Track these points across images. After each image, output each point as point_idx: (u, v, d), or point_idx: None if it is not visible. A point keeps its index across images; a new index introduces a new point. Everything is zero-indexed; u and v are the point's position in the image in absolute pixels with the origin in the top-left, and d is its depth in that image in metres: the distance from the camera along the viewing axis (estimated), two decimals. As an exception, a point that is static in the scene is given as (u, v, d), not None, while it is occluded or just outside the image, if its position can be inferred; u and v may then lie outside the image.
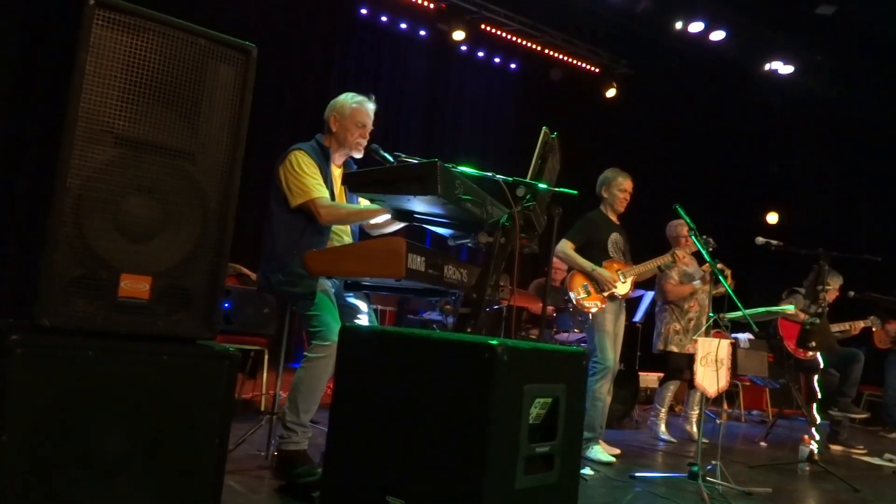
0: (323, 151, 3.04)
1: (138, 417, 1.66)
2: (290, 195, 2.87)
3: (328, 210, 2.86)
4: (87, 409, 1.59)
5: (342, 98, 3.10)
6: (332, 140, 3.09)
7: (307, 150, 2.95)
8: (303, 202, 2.84)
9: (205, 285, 1.80)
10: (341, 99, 3.09)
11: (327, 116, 3.09)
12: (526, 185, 2.66)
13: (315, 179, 2.89)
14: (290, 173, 2.89)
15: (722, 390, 3.70)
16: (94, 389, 1.60)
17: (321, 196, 2.86)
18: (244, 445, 3.27)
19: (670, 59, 8.33)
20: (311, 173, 2.89)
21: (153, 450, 1.67)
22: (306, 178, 2.86)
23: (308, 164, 2.90)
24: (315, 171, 2.91)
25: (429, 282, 2.57)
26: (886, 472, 4.81)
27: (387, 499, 1.66)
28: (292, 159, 2.91)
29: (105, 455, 1.60)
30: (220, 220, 1.81)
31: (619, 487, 3.51)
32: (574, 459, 1.82)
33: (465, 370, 1.59)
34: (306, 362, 2.81)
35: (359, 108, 3.06)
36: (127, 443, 1.64)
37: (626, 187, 4.57)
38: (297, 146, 2.98)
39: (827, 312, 4.54)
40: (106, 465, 1.60)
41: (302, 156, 2.92)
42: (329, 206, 2.88)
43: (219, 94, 1.81)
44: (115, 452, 1.62)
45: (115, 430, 1.63)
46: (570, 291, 4.38)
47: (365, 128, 3.08)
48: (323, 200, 2.86)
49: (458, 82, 8.75)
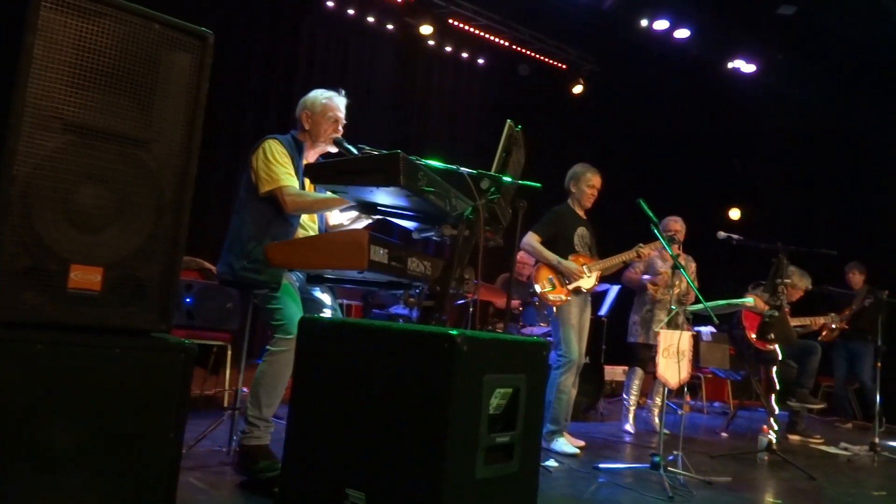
0: (297, 145, 3.05)
1: (89, 412, 1.61)
2: (259, 182, 2.86)
3: (293, 198, 2.84)
4: (35, 404, 1.54)
5: (312, 95, 3.10)
6: (306, 137, 3.09)
7: (281, 140, 2.96)
8: (271, 189, 2.83)
9: (160, 277, 1.76)
10: (311, 96, 3.09)
11: (299, 114, 3.10)
12: (490, 178, 2.65)
13: (285, 168, 2.88)
14: (260, 161, 2.88)
15: (683, 382, 3.76)
16: (43, 383, 1.55)
17: (289, 184, 2.85)
18: (206, 442, 3.22)
19: (636, 56, 8.42)
20: (282, 162, 2.88)
21: (105, 445, 1.63)
22: (276, 167, 2.86)
23: (281, 154, 2.90)
24: (287, 161, 2.90)
25: (392, 274, 2.54)
26: (841, 461, 4.94)
27: (346, 491, 1.65)
28: (265, 147, 2.90)
29: (54, 451, 1.56)
30: (175, 210, 1.78)
31: (582, 478, 3.54)
32: (534, 449, 1.82)
33: (424, 361, 1.59)
34: (269, 356, 2.77)
35: (329, 103, 3.07)
36: (77, 438, 1.59)
37: (594, 183, 4.61)
38: (271, 135, 2.98)
39: (788, 306, 4.64)
40: (55, 462, 1.56)
41: (276, 144, 2.92)
42: (295, 193, 2.86)
43: (174, 81, 1.77)
44: (64, 448, 1.58)
45: (65, 425, 1.58)
46: (536, 284, 4.40)
47: (337, 122, 3.09)
48: (290, 189, 2.85)
49: (426, 77, 8.71)
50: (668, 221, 5.45)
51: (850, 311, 6.66)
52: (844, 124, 8.45)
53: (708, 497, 3.35)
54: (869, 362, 6.19)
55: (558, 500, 3.10)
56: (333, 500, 1.66)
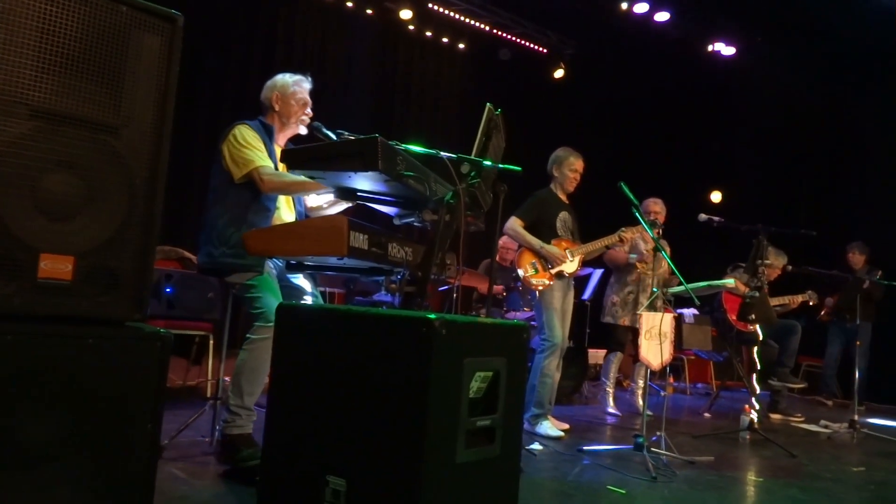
0: (266, 129, 3.02)
1: (63, 405, 1.58)
2: (233, 167, 2.83)
3: (270, 178, 2.81)
4: (6, 398, 1.51)
5: (280, 78, 3.09)
6: (276, 119, 3.07)
7: (250, 125, 2.94)
8: (246, 172, 2.81)
9: (133, 265, 1.73)
10: (279, 78, 3.09)
11: (268, 96, 3.08)
12: (470, 162, 2.64)
13: (259, 150, 2.86)
14: (232, 147, 2.85)
15: (666, 363, 3.78)
16: (14, 376, 1.52)
17: (264, 165, 2.83)
18: (188, 432, 3.19)
19: (617, 40, 8.41)
20: (255, 145, 2.86)
21: (80, 438, 1.60)
22: (249, 150, 2.84)
23: (252, 137, 2.88)
24: (259, 144, 2.89)
25: (372, 260, 2.52)
26: (822, 438, 5.02)
27: (327, 478, 1.64)
28: (235, 133, 2.87)
29: (27, 445, 1.53)
30: (147, 197, 1.74)
31: (567, 461, 3.56)
32: (516, 432, 1.82)
33: (403, 345, 1.57)
34: (249, 344, 2.75)
35: (298, 85, 3.07)
36: (51, 432, 1.56)
37: (577, 167, 4.60)
38: (240, 122, 2.95)
39: (767, 286, 4.68)
40: (29, 456, 1.53)
41: (245, 129, 2.90)
42: (272, 173, 2.84)
43: (143, 65, 1.73)
44: (38, 442, 1.55)
45: (39, 417, 1.55)
46: (519, 268, 4.40)
47: (307, 105, 3.09)
48: (266, 168, 2.83)
49: (406, 62, 8.66)
50: (647, 203, 5.47)
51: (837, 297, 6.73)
52: (824, 106, 8.50)
53: (690, 476, 3.38)
54: (865, 341, 6.26)
55: (543, 482, 3.11)
56: (314, 487, 1.65)
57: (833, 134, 8.71)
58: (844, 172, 8.83)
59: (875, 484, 3.56)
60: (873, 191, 8.38)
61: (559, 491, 2.98)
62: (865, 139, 8.40)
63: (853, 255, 7.21)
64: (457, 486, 1.60)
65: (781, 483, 3.42)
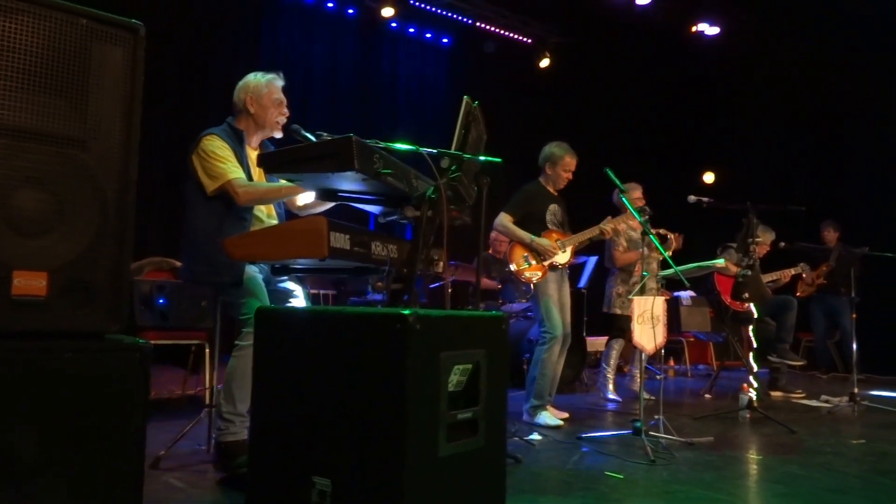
0: (236, 134, 2.97)
1: (45, 420, 1.58)
2: (206, 180, 2.80)
3: (245, 189, 2.79)
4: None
5: (253, 78, 3.02)
6: (250, 122, 3.01)
7: (218, 134, 2.89)
8: (219, 185, 2.78)
9: (108, 278, 1.73)
10: (252, 79, 3.01)
11: (241, 98, 3.01)
12: (450, 157, 2.63)
13: (229, 162, 2.82)
14: (202, 159, 2.81)
15: (659, 346, 3.78)
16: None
17: (237, 177, 2.79)
18: (186, 441, 3.20)
19: (600, 25, 8.40)
20: (224, 156, 2.82)
21: (64, 453, 1.60)
22: (218, 163, 2.80)
23: (220, 147, 2.84)
24: (228, 154, 2.85)
25: (355, 259, 2.52)
26: (822, 413, 5.02)
27: (313, 479, 1.64)
28: (204, 145, 2.83)
29: (11, 463, 1.53)
30: (119, 208, 1.74)
31: (566, 449, 3.56)
32: (500, 423, 1.82)
33: (379, 342, 1.57)
34: (238, 350, 2.75)
35: (273, 85, 3.00)
36: (35, 448, 1.57)
37: (571, 167, 4.58)
38: (207, 131, 2.90)
39: (759, 264, 4.68)
40: (13, 474, 1.53)
41: (213, 140, 2.85)
42: (246, 185, 2.81)
43: (107, 77, 1.73)
44: (22, 459, 1.55)
45: (21, 433, 1.55)
46: (511, 263, 4.40)
47: (283, 104, 3.03)
48: (239, 181, 2.79)
49: (391, 60, 8.65)
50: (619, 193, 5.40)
51: (828, 267, 6.75)
52: (812, 81, 8.47)
53: (689, 458, 3.38)
54: (847, 315, 6.29)
55: (542, 471, 3.12)
56: (301, 488, 1.65)
57: (822, 109, 8.69)
58: (835, 148, 8.81)
59: (875, 456, 3.56)
60: (864, 165, 8.37)
61: (558, 479, 2.98)
62: (854, 113, 8.39)
63: (827, 233, 7.44)
64: (441, 480, 1.60)
65: (780, 459, 3.42)
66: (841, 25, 7.98)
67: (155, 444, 3.04)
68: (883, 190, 8.10)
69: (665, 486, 2.87)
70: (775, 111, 9.15)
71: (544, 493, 2.75)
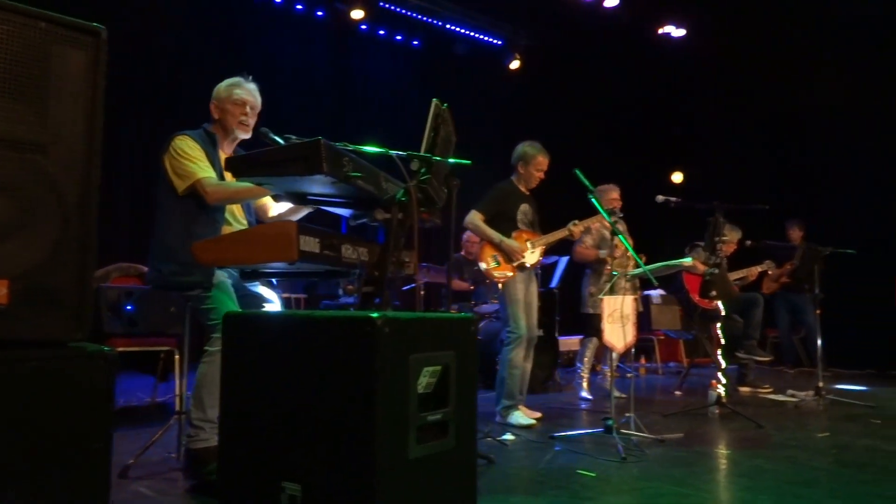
0: (209, 137, 2.98)
1: (7, 428, 1.55)
2: (176, 180, 2.80)
3: (215, 189, 2.78)
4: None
5: (217, 86, 3.05)
6: (218, 127, 3.04)
7: (190, 135, 2.89)
8: (189, 185, 2.77)
9: (72, 285, 1.70)
10: (216, 88, 3.05)
11: (211, 107, 3.05)
12: (419, 159, 2.64)
13: (201, 161, 2.82)
14: (174, 159, 2.81)
15: (630, 345, 3.83)
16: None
17: (207, 176, 2.79)
18: (155, 449, 3.16)
19: (569, 27, 8.47)
20: (194, 156, 2.82)
21: (28, 463, 1.57)
22: (189, 162, 2.80)
23: (192, 148, 2.84)
24: (200, 154, 2.85)
25: (326, 263, 2.52)
26: (789, 407, 5.12)
27: (283, 484, 1.63)
28: (174, 145, 2.83)
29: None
30: (82, 214, 1.71)
31: (538, 448, 3.59)
32: (470, 424, 1.83)
33: (347, 346, 1.57)
34: (207, 356, 2.72)
35: (233, 87, 3.02)
36: None
37: (544, 167, 4.61)
38: (179, 133, 2.90)
39: (726, 262, 4.76)
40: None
41: (184, 140, 2.85)
42: (216, 184, 2.80)
43: (68, 81, 1.70)
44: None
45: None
46: (481, 262, 4.42)
47: (245, 104, 3.01)
48: (209, 180, 2.79)
49: (361, 62, 8.64)
50: (606, 190, 5.50)
51: (792, 265, 6.89)
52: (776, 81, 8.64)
53: (660, 454, 3.43)
54: (810, 311, 6.42)
55: (515, 471, 3.14)
56: (271, 494, 1.64)
57: (786, 109, 8.87)
58: (798, 148, 8.99)
59: (838, 448, 3.64)
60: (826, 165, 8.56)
61: (530, 479, 3.00)
62: (817, 114, 8.57)
63: (793, 232, 7.65)
64: (412, 482, 1.61)
65: (748, 454, 3.49)
66: (803, 27, 8.16)
67: (124, 453, 3.00)
68: (845, 189, 8.30)
69: (636, 482, 2.91)
70: (740, 112, 9.30)
71: (517, 492, 2.77)
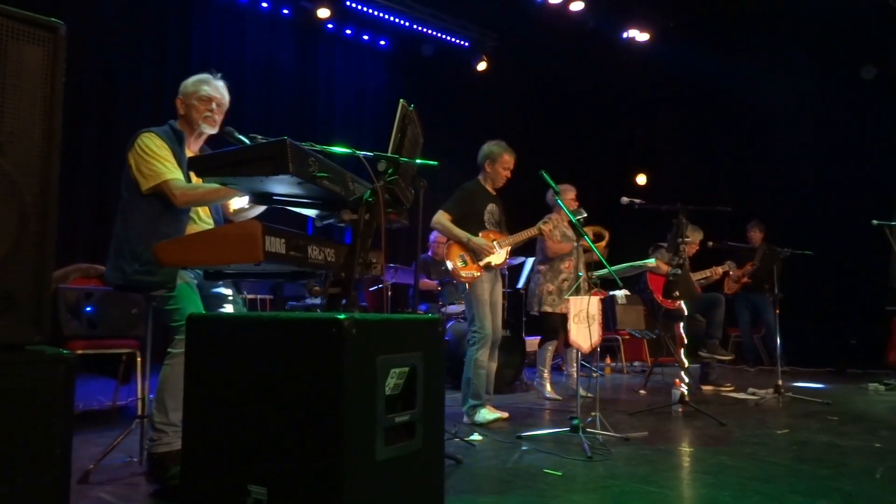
0: (176, 135, 2.92)
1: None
2: (141, 179, 2.73)
3: (183, 191, 2.72)
4: None
5: (185, 81, 3.01)
6: (184, 123, 2.98)
7: (157, 133, 2.83)
8: (155, 185, 2.71)
9: (30, 287, 1.65)
10: (184, 82, 3.00)
11: (177, 104, 3.00)
12: (386, 160, 2.63)
13: (168, 161, 2.76)
14: (139, 157, 2.75)
15: (595, 345, 3.87)
16: None
17: (175, 177, 2.73)
18: (117, 453, 3.09)
19: (536, 30, 8.54)
20: (162, 155, 2.76)
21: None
22: (155, 162, 2.73)
23: (159, 146, 2.77)
24: (167, 153, 2.78)
25: (292, 264, 2.49)
26: (750, 405, 5.23)
27: (248, 488, 1.61)
28: (141, 143, 2.77)
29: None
30: (39, 215, 1.67)
31: (506, 448, 3.60)
32: (438, 425, 1.83)
33: (314, 348, 1.56)
34: (170, 359, 2.68)
35: (199, 84, 2.97)
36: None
37: (510, 165, 4.64)
38: (146, 129, 2.84)
39: (689, 263, 4.85)
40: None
41: (151, 138, 2.79)
42: (184, 186, 2.74)
43: (25, 78, 1.66)
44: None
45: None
46: (448, 261, 4.43)
47: (210, 100, 2.96)
48: (177, 182, 2.73)
49: (328, 62, 8.58)
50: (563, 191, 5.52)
51: (752, 265, 7.05)
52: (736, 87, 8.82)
53: (625, 452, 3.48)
54: (770, 311, 6.58)
55: (481, 471, 3.14)
56: (236, 497, 1.62)
57: (745, 113, 9.06)
58: (756, 152, 9.20)
59: (797, 444, 3.73)
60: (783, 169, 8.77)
61: (497, 479, 3.01)
62: (775, 117, 8.78)
63: (753, 233, 7.85)
64: (379, 484, 1.60)
65: (711, 451, 3.55)
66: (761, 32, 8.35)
67: (84, 458, 2.94)
68: (803, 191, 8.52)
69: (602, 481, 2.94)
70: (702, 115, 9.48)
71: (484, 492, 2.78)
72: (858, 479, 3.00)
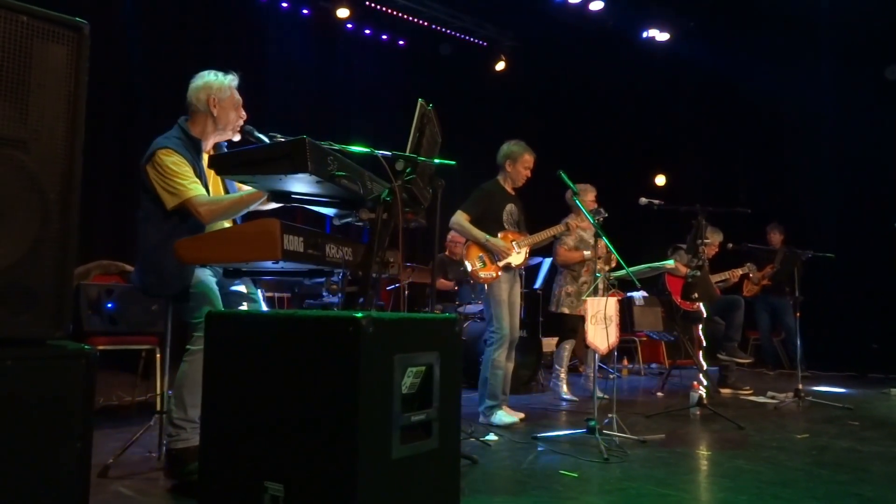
0: (192, 143, 2.87)
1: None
2: (165, 196, 2.72)
3: (208, 208, 2.70)
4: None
5: (214, 78, 2.93)
6: (209, 123, 2.91)
7: (172, 147, 2.77)
8: (179, 203, 2.70)
9: (51, 283, 1.67)
10: (214, 79, 2.92)
11: (201, 99, 2.90)
12: (404, 159, 2.63)
13: (188, 178, 2.73)
14: (159, 175, 2.72)
15: (613, 346, 3.84)
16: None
17: (197, 195, 2.71)
18: (136, 448, 3.13)
19: (554, 29, 8.50)
20: (183, 172, 2.73)
21: (5, 462, 1.55)
22: (176, 180, 2.71)
23: (177, 163, 2.73)
24: (186, 169, 2.75)
25: (310, 262, 2.50)
26: (769, 409, 5.17)
27: (265, 484, 1.62)
28: (159, 160, 2.73)
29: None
30: (62, 211, 1.69)
31: (521, 449, 3.60)
32: (454, 424, 1.83)
33: (331, 346, 1.57)
34: (189, 355, 2.70)
35: (232, 87, 2.95)
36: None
37: (530, 164, 4.63)
38: (161, 143, 2.78)
39: (708, 264, 4.81)
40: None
41: (170, 154, 2.74)
42: (208, 203, 2.72)
43: (50, 76, 1.68)
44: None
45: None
46: (466, 262, 4.43)
47: (242, 107, 2.98)
48: (200, 198, 2.71)
49: (347, 61, 8.60)
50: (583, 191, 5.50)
51: (772, 268, 6.97)
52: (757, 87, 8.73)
53: (642, 455, 3.45)
54: (790, 313, 6.50)
55: (497, 472, 3.14)
56: (253, 494, 1.63)
57: (766, 114, 8.96)
58: (777, 153, 9.09)
59: (816, 449, 3.69)
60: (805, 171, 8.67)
61: (513, 479, 3.01)
62: (796, 118, 8.67)
63: (773, 235, 7.72)
64: (394, 482, 1.60)
65: (728, 454, 3.52)
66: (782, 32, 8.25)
67: (104, 452, 2.97)
68: (825, 193, 8.41)
69: (618, 483, 2.92)
70: (723, 115, 9.39)
71: (499, 493, 2.77)
72: (879, 484, 2.96)
